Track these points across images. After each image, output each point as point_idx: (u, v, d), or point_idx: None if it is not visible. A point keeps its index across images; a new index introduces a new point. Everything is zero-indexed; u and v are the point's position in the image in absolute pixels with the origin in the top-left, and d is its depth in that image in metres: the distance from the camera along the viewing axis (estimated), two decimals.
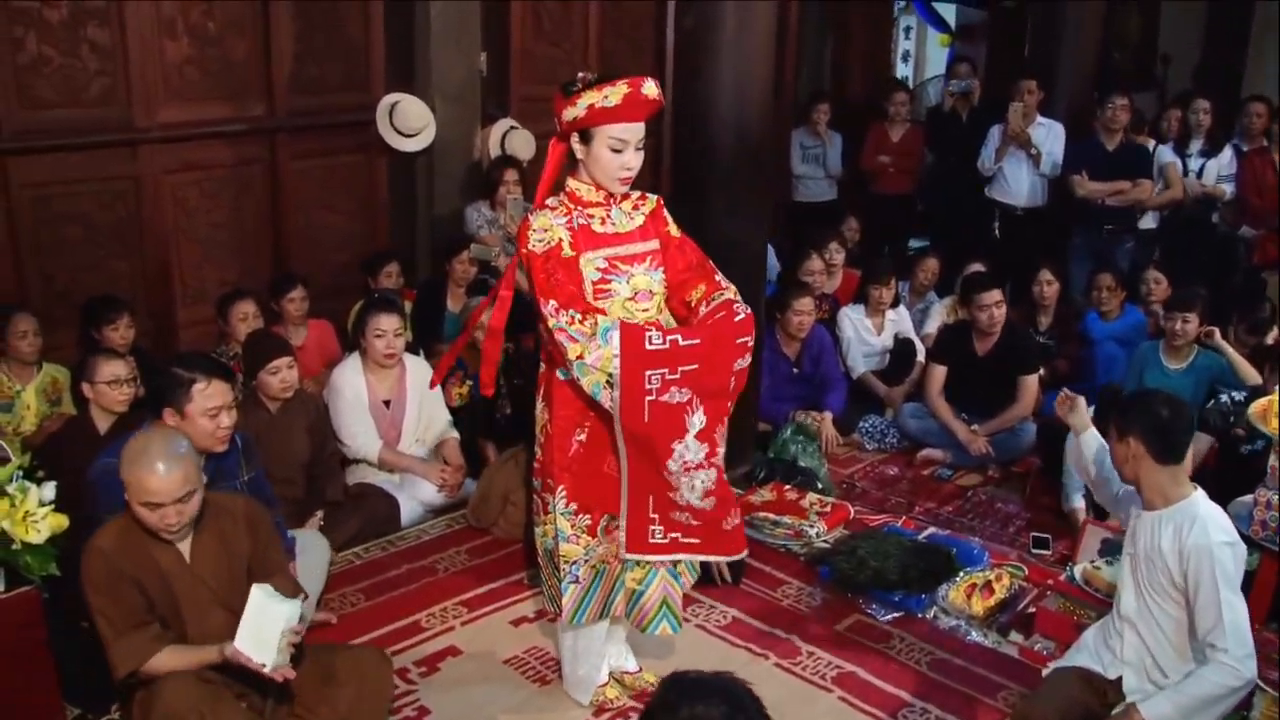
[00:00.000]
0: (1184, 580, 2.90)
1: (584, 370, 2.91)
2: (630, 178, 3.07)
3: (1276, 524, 3.58)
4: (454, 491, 4.71)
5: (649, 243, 3.17)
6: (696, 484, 2.99)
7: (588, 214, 3.09)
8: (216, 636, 2.88)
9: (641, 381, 2.88)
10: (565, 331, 2.92)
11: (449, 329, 5.64)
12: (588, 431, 3.11)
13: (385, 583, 4.21)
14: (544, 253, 2.99)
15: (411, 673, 3.65)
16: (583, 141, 3.03)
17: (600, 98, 2.92)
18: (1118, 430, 3.01)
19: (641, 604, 3.26)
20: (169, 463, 2.79)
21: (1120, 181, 6.96)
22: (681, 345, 2.93)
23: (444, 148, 6.27)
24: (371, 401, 4.66)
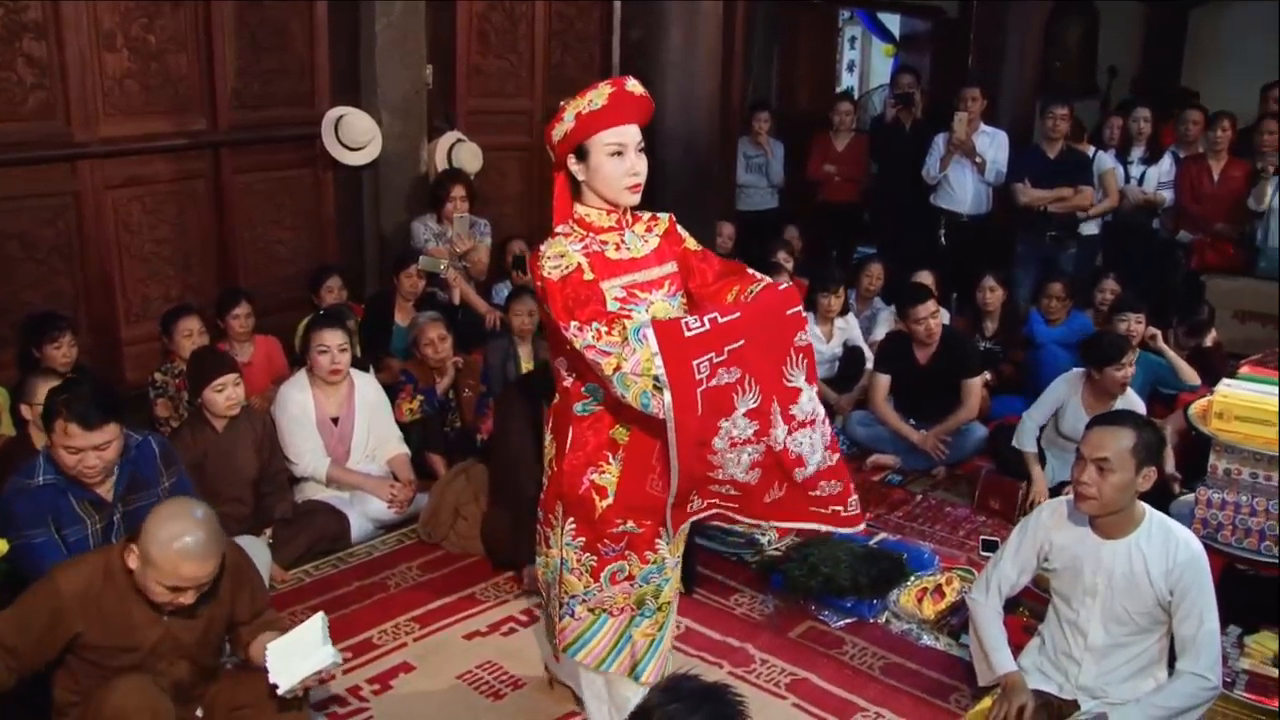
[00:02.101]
0: (1170, 596, 2.93)
1: (626, 382, 2.66)
2: (640, 185, 2.89)
3: (1217, 523, 3.64)
4: (404, 507, 4.68)
5: (666, 266, 2.98)
6: (743, 458, 2.76)
7: (601, 240, 2.90)
8: (177, 682, 2.85)
9: (691, 373, 2.62)
10: (595, 347, 2.69)
11: (397, 343, 5.61)
12: (607, 474, 2.91)
13: (336, 600, 4.16)
14: (562, 278, 2.77)
15: (364, 690, 3.61)
16: (580, 159, 2.87)
17: (585, 104, 2.80)
18: (1139, 461, 2.94)
19: (657, 658, 3.09)
20: (205, 548, 2.71)
21: (1062, 188, 7.09)
22: (721, 322, 2.67)
23: (390, 161, 6.24)
24: (319, 418, 4.62)
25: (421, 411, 5.11)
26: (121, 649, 2.82)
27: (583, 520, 2.94)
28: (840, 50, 11.56)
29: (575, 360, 2.85)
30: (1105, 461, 2.91)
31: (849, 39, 12.65)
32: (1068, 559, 3.08)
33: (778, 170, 8.07)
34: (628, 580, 2.98)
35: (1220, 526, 3.65)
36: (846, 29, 12.25)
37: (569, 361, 2.92)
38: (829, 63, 10.44)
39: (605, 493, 2.91)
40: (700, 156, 4.85)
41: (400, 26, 6.13)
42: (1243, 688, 3.35)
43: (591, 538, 2.94)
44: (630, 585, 2.99)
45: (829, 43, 10.40)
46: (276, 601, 4.04)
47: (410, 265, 5.71)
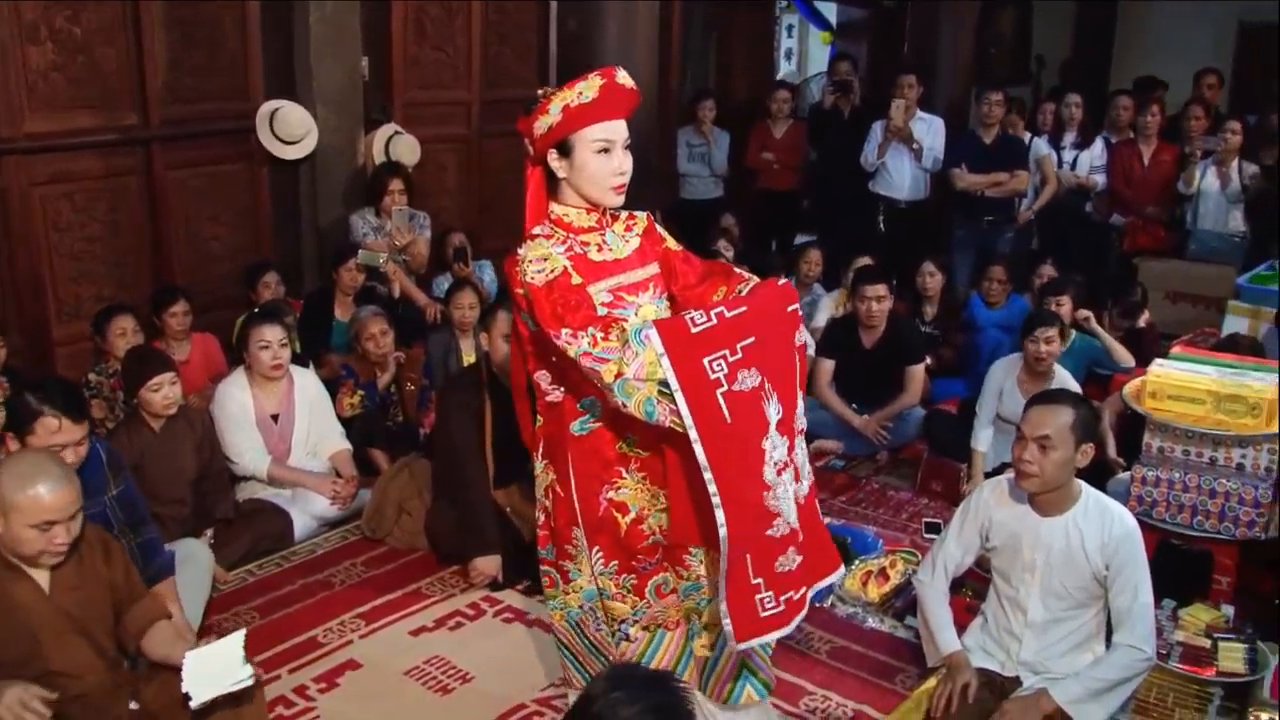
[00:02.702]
0: (1106, 571, 2.98)
1: (629, 390, 2.40)
2: (625, 185, 2.69)
3: (1151, 500, 3.72)
4: (347, 503, 4.64)
5: (649, 267, 2.79)
6: (788, 489, 2.50)
7: (582, 241, 2.70)
8: (80, 666, 2.79)
9: (703, 372, 2.37)
10: (591, 355, 2.44)
11: (337, 338, 5.56)
12: (624, 489, 2.69)
13: (280, 599, 4.12)
14: (547, 284, 2.55)
15: (310, 689, 3.57)
16: (562, 155, 2.66)
17: (574, 95, 2.57)
18: (1078, 437, 2.98)
19: (717, 673, 2.83)
20: (61, 477, 2.70)
21: (998, 173, 7.18)
22: (729, 316, 2.43)
23: (327, 155, 6.17)
24: (258, 416, 4.56)
25: (363, 406, 5.07)
26: (14, 628, 2.76)
27: (610, 543, 2.71)
28: (778, 38, 11.61)
29: (567, 372, 2.64)
30: (1046, 439, 2.95)
31: (786, 27, 12.69)
32: (1007, 536, 3.13)
33: (721, 159, 8.09)
34: (673, 593, 2.77)
35: (1155, 503, 3.72)
36: (784, 17, 12.30)
37: (555, 375, 2.71)
38: (766, 51, 10.47)
39: (626, 508, 2.69)
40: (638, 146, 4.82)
41: (334, 19, 6.06)
42: (1177, 659, 3.42)
43: (624, 558, 2.71)
44: (678, 598, 2.78)
45: (766, 31, 10.43)
46: (219, 603, 4.03)
47: (349, 259, 5.66)
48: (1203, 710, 3.38)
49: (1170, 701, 3.43)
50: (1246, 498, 3.57)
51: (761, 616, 2.48)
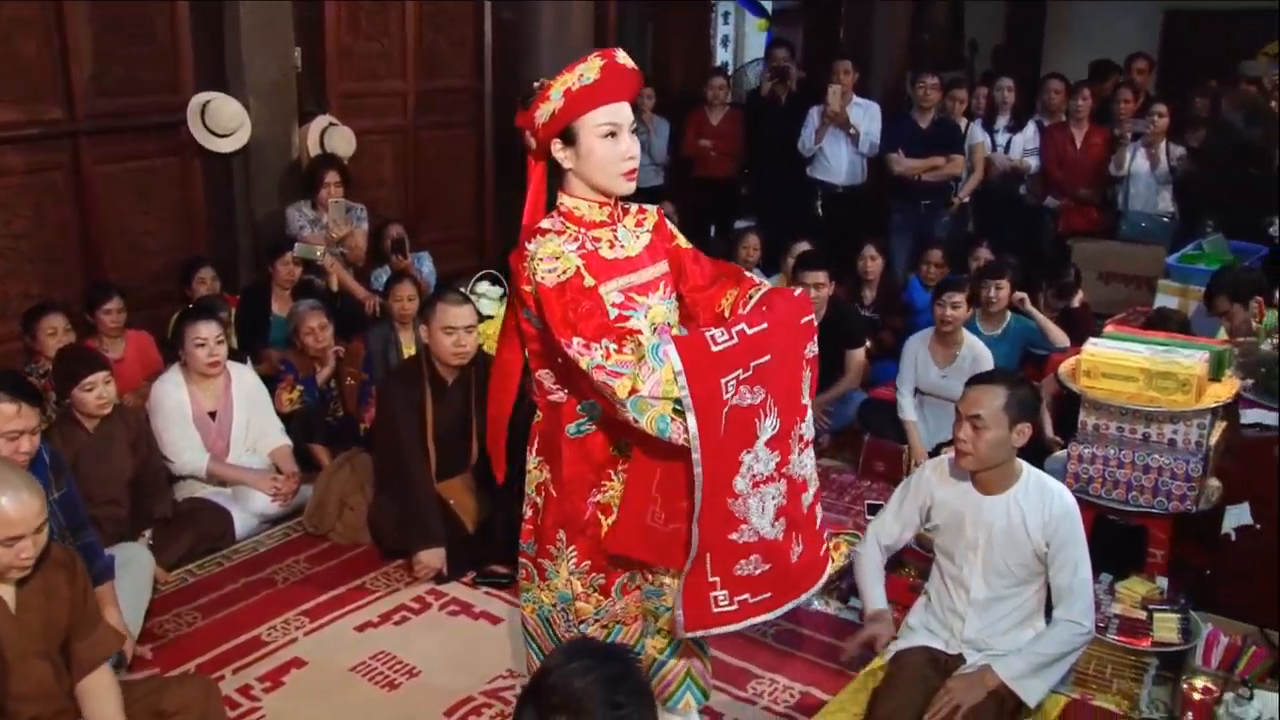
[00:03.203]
0: (1046, 548, 3.02)
1: (642, 406, 2.33)
2: (635, 170, 2.61)
3: (1088, 476, 3.78)
4: (288, 500, 4.59)
5: (659, 265, 2.69)
6: (767, 503, 2.46)
7: (593, 237, 2.58)
8: (39, 690, 2.70)
9: (719, 393, 2.31)
10: (604, 368, 2.35)
11: (275, 333, 5.49)
12: (610, 491, 2.64)
13: (222, 599, 4.07)
14: (559, 285, 2.44)
15: (255, 689, 3.54)
16: (567, 144, 2.55)
17: (575, 78, 2.47)
18: (1011, 417, 3.00)
19: (663, 674, 2.87)
20: (26, 489, 2.59)
21: (934, 157, 7.25)
22: (750, 334, 2.36)
23: (261, 147, 6.09)
24: (196, 413, 4.50)
25: (302, 402, 5.01)
26: None
27: (588, 544, 2.68)
28: (714, 26, 11.61)
29: (571, 376, 2.54)
30: (978, 419, 2.99)
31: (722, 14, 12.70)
32: (949, 515, 3.16)
33: (661, 148, 8.08)
34: (637, 590, 2.76)
35: (1091, 480, 3.78)
36: (720, 5, 12.30)
37: (560, 375, 2.62)
38: (703, 39, 10.48)
39: (610, 510, 2.66)
40: None
41: (265, 9, 5.97)
42: (1115, 631, 3.49)
43: (598, 558, 2.69)
44: (639, 596, 2.77)
45: (702, 18, 10.45)
46: (160, 605, 3.98)
47: (286, 253, 5.59)
48: (1139, 680, 3.46)
49: (1109, 673, 3.50)
50: (1178, 472, 3.64)
51: (713, 612, 2.49)
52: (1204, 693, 3.00)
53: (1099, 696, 3.51)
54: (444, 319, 4.19)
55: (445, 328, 4.19)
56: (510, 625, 3.91)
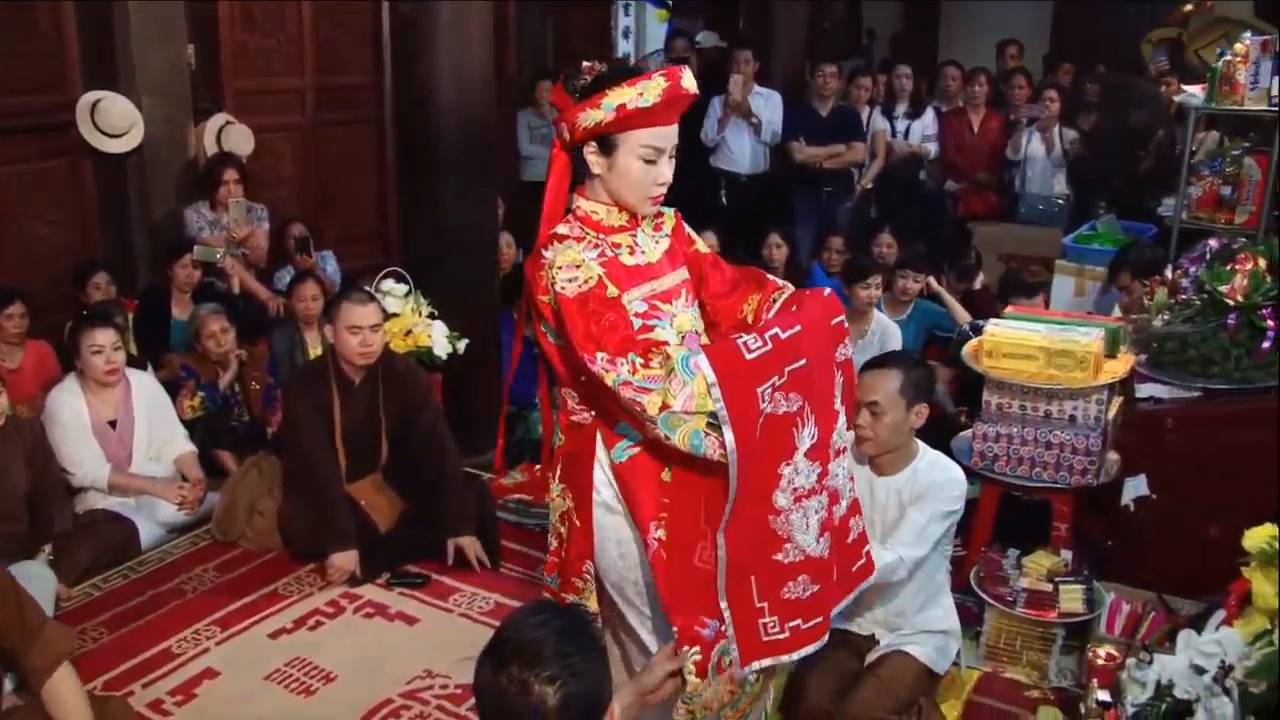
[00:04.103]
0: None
1: (674, 422, 2.19)
2: (662, 196, 2.46)
3: (993, 455, 3.86)
4: (195, 508, 4.49)
5: (679, 271, 2.54)
6: (811, 519, 2.31)
7: (613, 243, 2.43)
8: None
9: (756, 403, 2.18)
10: (631, 385, 2.20)
11: (176, 338, 5.36)
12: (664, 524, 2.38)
13: (129, 612, 3.97)
14: (580, 296, 2.28)
15: (166, 703, 3.46)
16: (603, 152, 2.39)
17: (634, 95, 2.29)
18: (908, 400, 3.04)
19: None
20: None
21: (835, 145, 7.34)
22: (783, 338, 2.24)
23: (155, 147, 5.92)
24: (94, 423, 4.38)
25: (204, 408, 4.91)
26: None
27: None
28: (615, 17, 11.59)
29: (598, 395, 2.37)
30: (875, 405, 3.03)
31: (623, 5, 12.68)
32: None
33: None
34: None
35: (996, 457, 3.87)
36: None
37: (584, 394, 2.43)
38: (604, 30, 10.46)
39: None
40: (476, 129, 4.81)
41: (156, 5, 5.81)
42: (1023, 605, 3.58)
43: (689, 618, 2.38)
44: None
45: (603, 10, 10.43)
46: (63, 620, 3.81)
47: (184, 255, 5.45)
48: (1047, 651, 3.55)
49: (1018, 645, 3.59)
50: (1079, 447, 3.74)
51: (763, 641, 2.35)
52: (1108, 659, 3.09)
53: (1010, 668, 3.60)
54: (349, 318, 4.13)
55: (350, 327, 4.13)
56: (426, 626, 3.88)
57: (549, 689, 1.70)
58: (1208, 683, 2.60)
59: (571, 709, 1.70)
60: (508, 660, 1.73)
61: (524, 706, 1.70)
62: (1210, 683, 2.59)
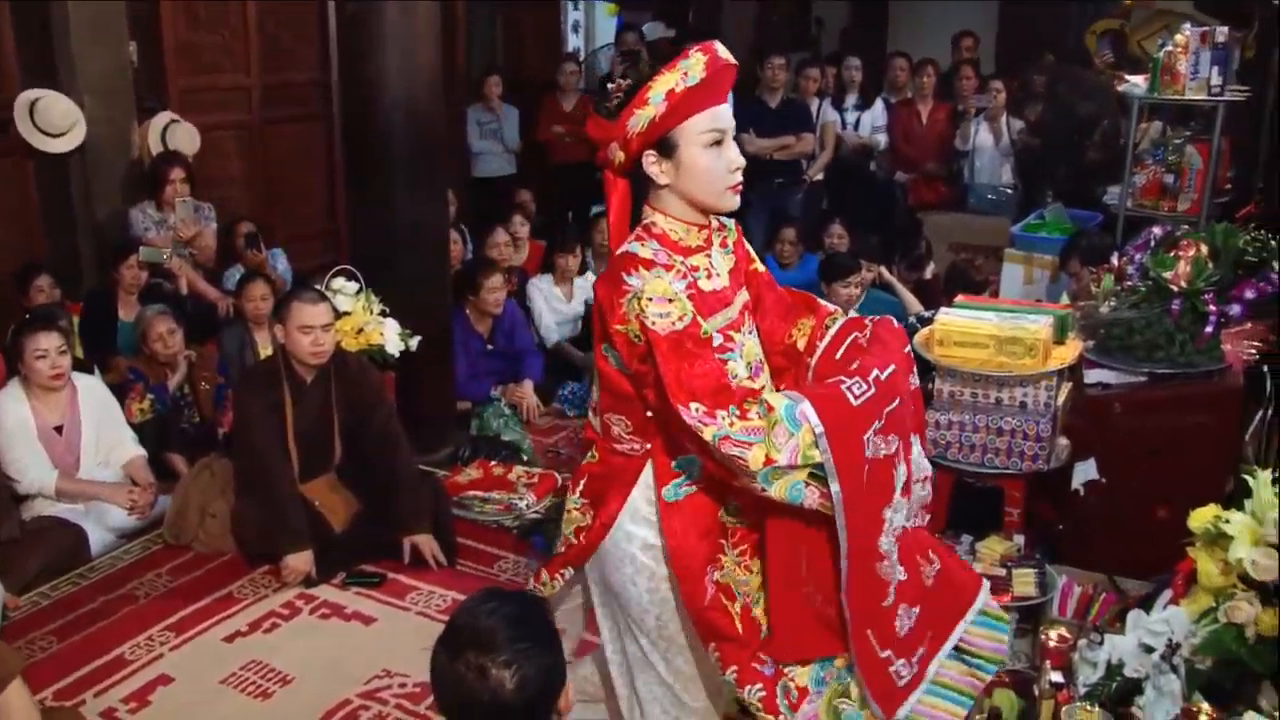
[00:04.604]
0: None
1: (776, 476, 2.04)
2: (741, 183, 2.25)
3: (945, 442, 3.90)
4: (146, 512, 4.43)
5: (742, 293, 2.36)
6: (895, 553, 2.23)
7: (691, 266, 2.23)
8: None
9: (862, 450, 2.07)
10: (731, 439, 2.02)
11: (123, 340, 5.28)
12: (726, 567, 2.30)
13: (80, 619, 3.90)
14: (673, 334, 2.08)
15: (119, 711, 3.41)
16: (665, 155, 2.20)
17: (679, 78, 2.13)
18: None
19: None
20: None
21: (785, 137, 7.38)
22: (884, 380, 2.14)
23: (98, 146, 5.83)
24: (40, 428, 4.31)
25: (153, 410, 4.84)
26: None
27: (732, 648, 2.27)
28: (564, 12, 11.56)
29: (653, 426, 2.24)
30: None
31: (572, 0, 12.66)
32: None
33: (512, 134, 8.04)
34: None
35: (949, 445, 3.90)
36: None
37: (637, 424, 2.28)
38: (554, 24, 10.43)
39: (732, 593, 2.29)
40: (425, 125, 4.78)
41: (95, 3, 5.72)
42: None
43: (745, 659, 2.27)
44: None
45: (552, 5, 10.40)
46: (11, 631, 3.79)
47: (130, 256, 5.38)
48: None
49: None
50: (1030, 433, 3.77)
51: (900, 686, 2.26)
52: (1060, 641, 3.12)
53: None
54: (300, 318, 4.09)
55: (302, 327, 4.09)
56: (384, 625, 3.86)
57: (506, 673, 1.74)
58: (1156, 661, 2.65)
59: (529, 690, 1.75)
60: (463, 648, 1.76)
61: (482, 691, 1.74)
62: (1159, 660, 2.64)
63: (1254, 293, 3.78)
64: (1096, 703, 2.76)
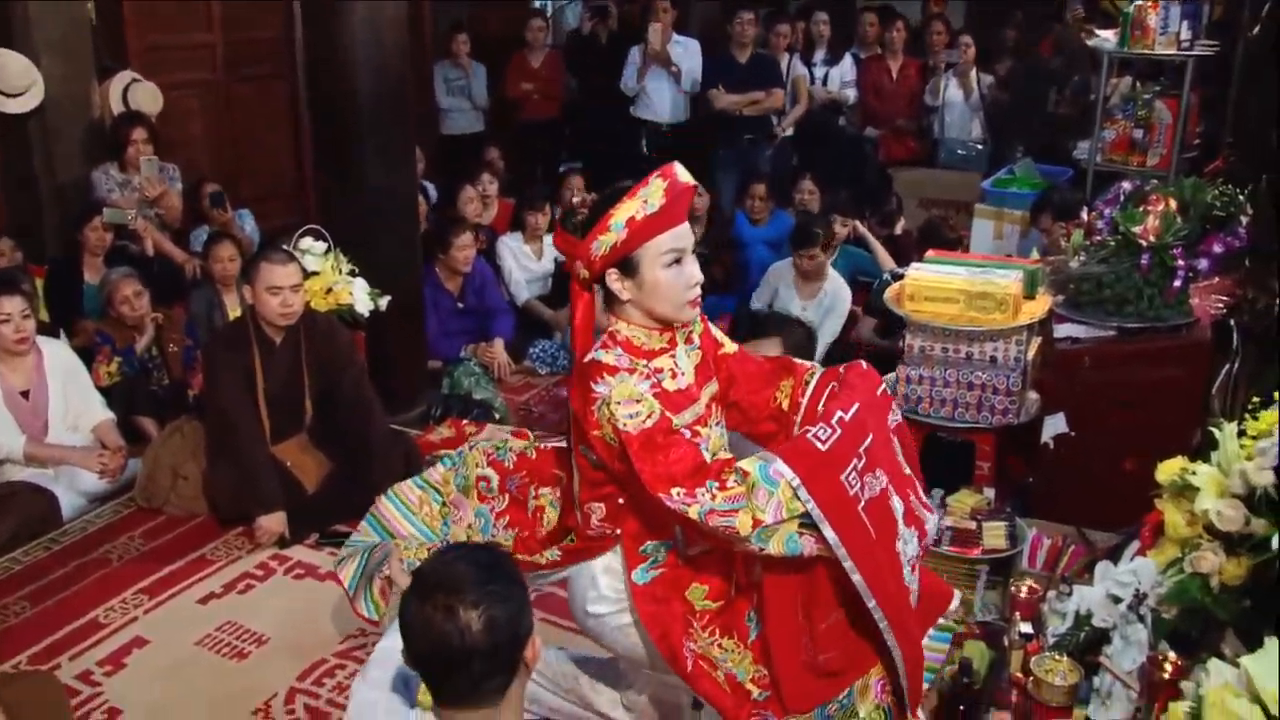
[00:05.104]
0: None
1: (768, 535, 2.13)
2: (699, 298, 2.37)
3: (916, 397, 3.93)
4: (117, 475, 4.40)
5: (709, 386, 2.45)
6: (915, 582, 2.35)
7: (655, 369, 2.32)
8: None
9: (844, 492, 2.16)
10: (716, 512, 2.12)
11: (89, 304, 5.22)
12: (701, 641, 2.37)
13: (53, 584, 3.88)
14: (643, 432, 2.19)
15: (95, 674, 3.40)
16: (626, 274, 2.29)
17: (639, 205, 2.24)
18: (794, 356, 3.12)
19: None
20: None
21: (755, 92, 7.34)
22: (849, 420, 2.22)
23: (57, 107, 5.72)
24: (6, 393, 4.26)
25: (121, 373, 4.80)
26: None
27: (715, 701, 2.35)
28: None
29: (626, 513, 2.36)
30: None
31: None
32: None
33: (480, 91, 7.97)
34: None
35: (920, 400, 3.93)
36: None
37: (611, 510, 2.38)
38: None
39: (713, 663, 2.35)
40: (392, 83, 4.73)
41: None
42: (948, 543, 3.65)
43: (743, 715, 2.34)
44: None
45: None
46: None
47: (94, 218, 5.30)
48: (972, 587, 3.63)
49: None
50: (1000, 387, 3.81)
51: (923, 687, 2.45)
52: (1029, 592, 3.16)
53: None
54: (268, 278, 4.06)
55: (270, 288, 4.06)
56: None
57: (474, 613, 1.76)
58: (1123, 611, 2.69)
59: (496, 632, 1.78)
60: (432, 590, 1.80)
61: (450, 632, 1.76)
62: (1126, 611, 2.68)
63: (1222, 247, 3.81)
64: (1065, 653, 2.81)
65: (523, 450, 2.69)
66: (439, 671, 1.81)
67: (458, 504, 2.69)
